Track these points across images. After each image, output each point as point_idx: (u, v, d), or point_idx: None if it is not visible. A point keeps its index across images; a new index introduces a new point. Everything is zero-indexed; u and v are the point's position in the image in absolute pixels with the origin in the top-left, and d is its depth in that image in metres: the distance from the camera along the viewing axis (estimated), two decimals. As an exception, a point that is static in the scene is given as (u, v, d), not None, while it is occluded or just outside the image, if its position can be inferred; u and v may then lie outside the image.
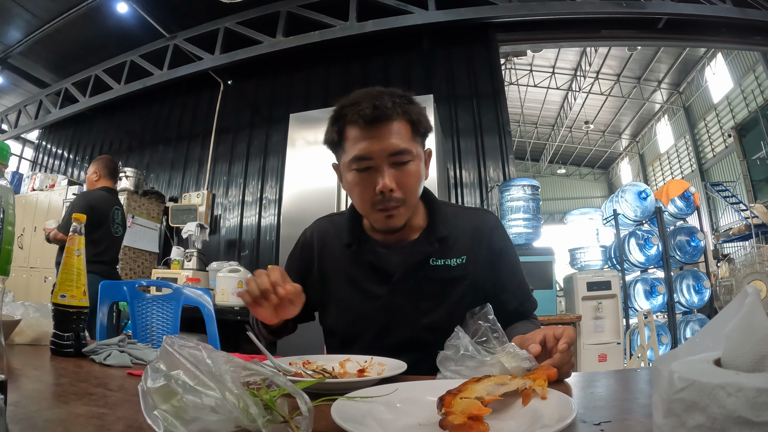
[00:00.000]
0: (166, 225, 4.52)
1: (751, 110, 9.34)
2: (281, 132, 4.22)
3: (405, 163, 0.87)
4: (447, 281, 0.94)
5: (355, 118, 0.86)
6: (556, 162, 16.69)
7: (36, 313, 1.00)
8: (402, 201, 0.88)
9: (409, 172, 0.88)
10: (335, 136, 0.91)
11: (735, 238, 8.19)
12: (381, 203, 0.87)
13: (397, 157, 0.86)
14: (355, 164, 0.87)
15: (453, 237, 0.95)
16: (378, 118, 0.85)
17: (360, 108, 0.85)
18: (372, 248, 0.96)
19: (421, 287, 0.93)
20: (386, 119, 0.85)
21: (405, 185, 0.87)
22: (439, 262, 0.93)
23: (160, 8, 4.58)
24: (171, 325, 1.70)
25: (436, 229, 0.94)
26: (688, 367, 0.28)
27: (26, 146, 8.31)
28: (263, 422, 0.37)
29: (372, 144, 0.85)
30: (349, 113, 0.87)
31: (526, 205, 3.41)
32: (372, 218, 0.92)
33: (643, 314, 3.19)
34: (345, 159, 0.90)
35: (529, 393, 0.50)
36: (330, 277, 0.99)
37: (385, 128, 0.86)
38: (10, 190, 0.49)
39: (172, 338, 0.41)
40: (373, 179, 0.87)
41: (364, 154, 0.86)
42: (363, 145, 0.86)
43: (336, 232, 1.01)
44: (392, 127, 0.86)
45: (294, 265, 1.05)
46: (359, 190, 0.89)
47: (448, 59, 4.27)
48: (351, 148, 0.88)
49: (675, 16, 3.85)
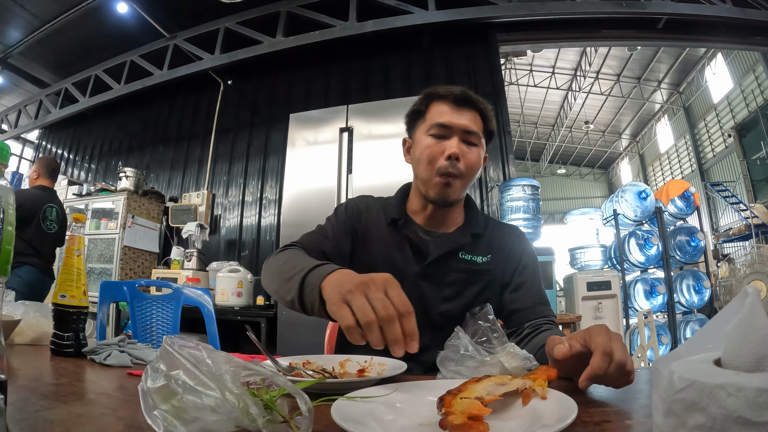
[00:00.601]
0: (166, 225, 4.52)
1: (751, 110, 9.34)
2: (281, 132, 4.22)
3: (472, 145, 1.00)
4: (471, 274, 1.02)
5: (446, 96, 1.01)
6: (556, 162, 16.69)
7: (36, 313, 1.00)
8: (461, 174, 0.98)
9: (474, 152, 1.00)
10: (422, 107, 1.04)
11: (735, 238, 8.19)
12: (445, 169, 0.97)
13: (469, 137, 0.99)
14: (434, 129, 1.00)
15: (483, 237, 1.06)
16: (465, 101, 1.00)
17: (452, 90, 1.01)
18: (413, 229, 1.04)
19: (448, 275, 1.01)
20: (470, 105, 1.01)
21: (468, 161, 0.98)
22: (467, 256, 1.02)
23: (160, 8, 4.58)
24: (171, 325, 1.70)
25: (471, 226, 1.05)
26: (688, 367, 0.28)
27: (26, 146, 8.32)
28: (263, 422, 0.37)
29: (454, 117, 0.99)
30: (441, 91, 1.02)
31: (526, 205, 3.41)
32: (432, 183, 1.00)
33: (643, 314, 3.19)
34: (425, 125, 1.02)
35: (529, 393, 0.50)
36: (370, 245, 1.04)
37: (466, 111, 1.00)
38: (10, 190, 0.49)
39: (172, 338, 0.41)
40: (444, 146, 0.98)
41: (446, 123, 0.99)
42: (447, 117, 0.99)
43: (381, 207, 1.08)
44: (471, 114, 1.01)
45: (341, 223, 1.06)
46: (430, 153, 0.99)
47: (448, 59, 4.27)
48: (435, 116, 1.01)
49: (675, 16, 3.85)
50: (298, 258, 0.83)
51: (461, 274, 1.01)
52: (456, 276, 1.01)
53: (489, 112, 1.03)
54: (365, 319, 0.55)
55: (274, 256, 0.92)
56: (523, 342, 0.95)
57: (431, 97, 1.03)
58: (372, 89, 4.32)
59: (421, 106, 1.05)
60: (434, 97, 1.03)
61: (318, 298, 0.67)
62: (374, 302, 0.57)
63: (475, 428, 0.41)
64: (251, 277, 3.51)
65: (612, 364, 0.55)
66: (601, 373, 0.54)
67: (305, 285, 0.72)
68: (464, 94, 1.00)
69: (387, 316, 0.56)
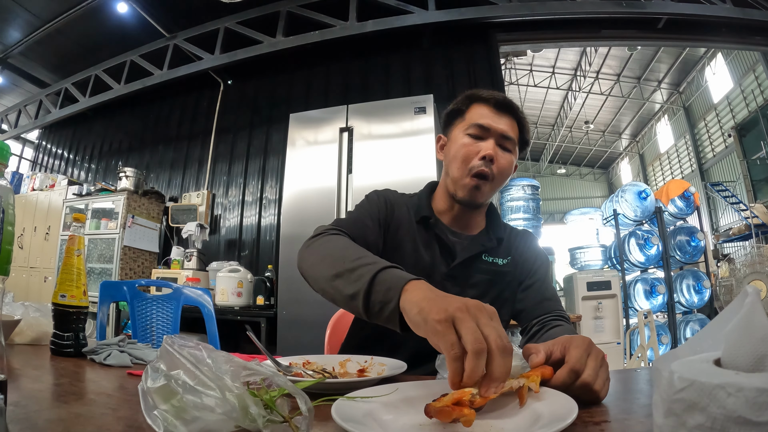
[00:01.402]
0: (166, 225, 4.52)
1: (751, 110, 9.34)
2: (281, 132, 4.22)
3: (507, 150, 1.01)
4: (494, 275, 1.04)
5: (487, 99, 1.03)
6: (556, 162, 16.69)
7: (36, 313, 1.00)
8: (492, 177, 0.99)
9: (507, 158, 1.01)
10: (463, 106, 1.05)
11: (735, 238, 8.19)
12: (478, 168, 0.98)
13: (505, 142, 1.01)
14: (473, 129, 1.01)
15: (504, 241, 1.08)
16: (505, 106, 1.02)
17: (494, 95, 1.03)
18: (442, 229, 1.05)
19: (473, 276, 1.03)
20: (510, 111, 1.03)
21: (501, 165, 1.00)
22: (490, 259, 1.05)
23: (160, 8, 4.58)
24: (171, 324, 1.70)
25: (495, 230, 1.08)
26: (688, 367, 0.28)
27: (26, 146, 8.32)
28: (263, 422, 0.37)
29: (493, 120, 1.00)
30: (483, 94, 1.04)
31: (526, 205, 3.42)
32: (463, 182, 1.00)
33: (643, 314, 3.19)
34: (463, 124, 1.03)
35: (524, 393, 0.50)
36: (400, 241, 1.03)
37: (506, 116, 1.02)
38: (10, 190, 0.49)
39: (173, 338, 0.41)
40: (480, 146, 0.99)
41: (485, 124, 1.00)
42: (487, 119, 1.01)
43: (408, 204, 1.08)
44: (510, 120, 1.02)
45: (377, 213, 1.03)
46: (466, 152, 1.00)
47: (448, 59, 4.26)
48: (475, 117, 1.02)
49: (675, 16, 3.85)
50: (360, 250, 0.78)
51: (485, 275, 1.03)
52: (480, 277, 1.03)
53: (527, 122, 1.05)
54: (477, 346, 0.47)
55: (322, 238, 0.87)
56: (533, 341, 0.95)
57: (473, 99, 1.05)
58: (372, 89, 4.32)
59: (461, 105, 1.06)
60: (476, 99, 1.04)
61: (395, 302, 0.61)
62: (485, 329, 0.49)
63: (458, 412, 0.41)
64: (251, 277, 3.51)
65: (577, 381, 0.54)
66: (563, 387, 0.53)
67: (376, 282, 0.65)
68: (506, 100, 1.02)
69: (501, 347, 0.48)
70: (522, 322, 1.03)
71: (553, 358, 0.58)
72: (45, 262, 4.65)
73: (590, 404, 0.53)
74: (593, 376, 0.54)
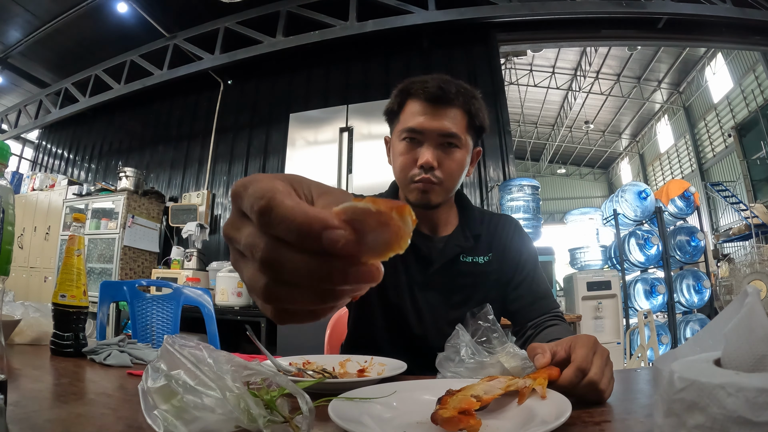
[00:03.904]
0: (166, 225, 4.52)
1: (751, 110, 9.33)
2: (281, 132, 4.22)
3: (452, 147, 0.90)
4: (476, 276, 0.97)
5: (418, 93, 0.89)
6: (556, 162, 16.68)
7: (36, 313, 1.00)
8: (440, 181, 0.90)
9: (453, 157, 0.90)
10: (395, 106, 0.95)
11: (735, 238, 8.19)
12: (419, 177, 0.89)
13: (446, 139, 0.89)
14: (406, 134, 0.91)
15: (482, 235, 1.00)
16: (439, 99, 0.88)
17: (427, 85, 0.89)
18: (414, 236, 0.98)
19: (454, 281, 0.96)
20: (447, 102, 0.89)
21: (447, 168, 0.90)
22: (468, 259, 0.97)
23: (160, 8, 4.58)
24: (171, 324, 1.70)
25: (470, 226, 0.99)
26: (688, 367, 0.28)
27: (26, 146, 8.31)
28: (264, 422, 0.37)
29: (427, 120, 0.88)
30: (414, 87, 0.90)
31: (526, 205, 3.41)
32: (407, 190, 0.93)
33: (643, 314, 3.19)
34: (398, 128, 0.94)
35: (525, 393, 0.50)
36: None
37: (443, 110, 0.89)
38: (10, 190, 0.49)
39: (173, 338, 0.41)
40: (417, 153, 0.90)
41: (417, 127, 0.89)
42: (419, 119, 0.89)
43: None
44: (450, 112, 0.89)
45: None
46: (402, 160, 0.92)
47: (448, 59, 4.26)
48: (407, 119, 0.91)
49: (675, 16, 3.85)
50: None
51: (467, 278, 0.97)
52: (462, 281, 0.97)
53: (473, 106, 0.91)
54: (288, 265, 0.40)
55: None
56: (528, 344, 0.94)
57: (405, 94, 0.93)
58: (372, 89, 4.32)
59: (395, 104, 0.95)
60: (407, 95, 0.92)
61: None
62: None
63: (465, 422, 0.41)
64: (251, 277, 3.51)
65: (584, 380, 0.54)
66: (570, 387, 0.53)
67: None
68: (439, 90, 0.88)
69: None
70: (516, 324, 0.99)
71: (557, 357, 0.58)
72: (45, 262, 4.65)
73: (595, 404, 0.53)
74: (599, 375, 0.54)
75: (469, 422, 0.41)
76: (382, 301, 0.96)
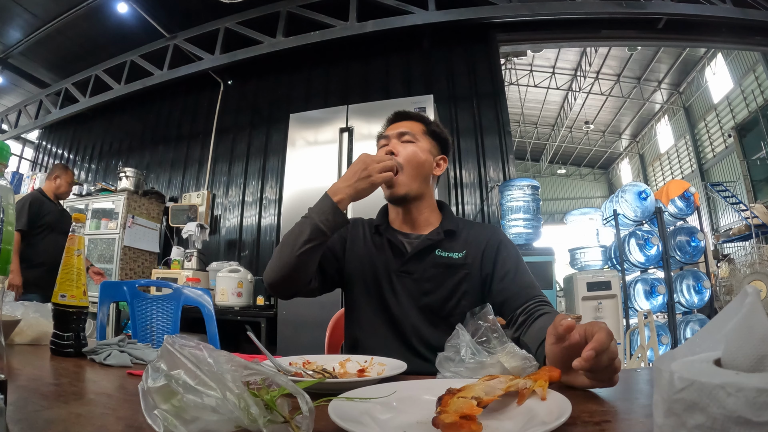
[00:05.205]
0: (166, 225, 4.52)
1: (751, 110, 9.34)
2: (281, 132, 4.22)
3: (408, 141, 1.15)
4: (448, 268, 1.09)
5: (389, 117, 1.25)
6: (556, 162, 16.69)
7: (36, 313, 1.00)
8: (401, 166, 1.10)
9: (408, 146, 1.14)
10: (382, 130, 1.24)
11: (735, 238, 8.19)
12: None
13: (402, 137, 1.16)
14: (380, 142, 1.20)
15: (458, 235, 1.14)
16: (399, 115, 1.23)
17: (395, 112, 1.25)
18: (393, 233, 1.16)
19: (427, 271, 1.09)
20: (404, 118, 1.22)
21: (404, 154, 1.12)
22: (444, 254, 1.11)
23: (160, 8, 4.58)
24: (171, 325, 1.70)
25: (446, 224, 1.15)
26: (688, 367, 0.28)
27: (26, 146, 8.31)
28: (264, 422, 0.37)
29: (391, 128, 1.20)
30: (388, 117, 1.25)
31: (526, 205, 3.41)
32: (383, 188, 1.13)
33: (643, 314, 3.19)
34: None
35: (525, 393, 0.50)
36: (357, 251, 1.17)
37: (401, 122, 1.21)
38: (10, 190, 0.50)
39: (174, 338, 0.41)
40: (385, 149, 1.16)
41: (384, 133, 1.21)
42: (386, 130, 1.22)
43: (366, 224, 1.23)
44: (406, 122, 1.20)
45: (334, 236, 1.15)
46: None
47: (448, 59, 4.27)
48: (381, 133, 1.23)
49: (675, 16, 3.85)
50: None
51: (438, 268, 1.09)
52: (434, 271, 1.09)
53: (428, 120, 1.23)
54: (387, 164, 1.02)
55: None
56: (521, 331, 0.97)
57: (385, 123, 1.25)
58: (372, 89, 4.32)
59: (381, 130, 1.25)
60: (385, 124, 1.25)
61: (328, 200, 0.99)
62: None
63: (467, 427, 0.41)
64: (251, 277, 3.51)
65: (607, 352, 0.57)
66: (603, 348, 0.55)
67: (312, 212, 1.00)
68: (401, 111, 1.24)
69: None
70: (506, 314, 1.04)
71: (572, 340, 0.60)
72: (45, 262, 4.64)
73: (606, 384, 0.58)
74: (615, 352, 0.59)
75: (470, 427, 0.41)
76: (367, 286, 1.12)
